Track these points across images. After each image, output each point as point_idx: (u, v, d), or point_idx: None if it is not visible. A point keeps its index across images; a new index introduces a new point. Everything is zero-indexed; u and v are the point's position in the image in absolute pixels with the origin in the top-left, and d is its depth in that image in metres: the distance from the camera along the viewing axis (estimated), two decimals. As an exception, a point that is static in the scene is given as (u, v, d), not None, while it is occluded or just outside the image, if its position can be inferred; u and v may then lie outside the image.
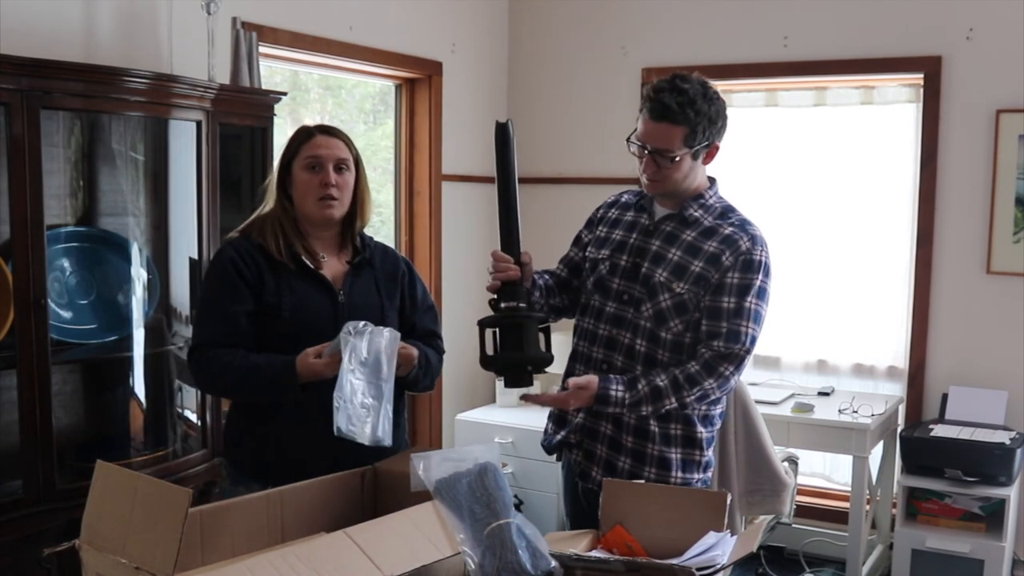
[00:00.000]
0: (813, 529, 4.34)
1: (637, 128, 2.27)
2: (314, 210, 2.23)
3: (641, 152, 2.26)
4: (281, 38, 3.57)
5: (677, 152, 2.22)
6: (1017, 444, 3.65)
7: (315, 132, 2.26)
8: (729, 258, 2.24)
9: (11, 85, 2.40)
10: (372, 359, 2.03)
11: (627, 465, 2.33)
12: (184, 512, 1.46)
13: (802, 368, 4.44)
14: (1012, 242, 3.95)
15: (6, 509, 2.48)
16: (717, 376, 2.23)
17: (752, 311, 2.25)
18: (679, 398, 2.23)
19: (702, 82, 2.25)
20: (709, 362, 2.23)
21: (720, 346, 2.23)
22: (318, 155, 2.22)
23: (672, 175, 2.25)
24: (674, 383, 2.22)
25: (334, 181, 2.22)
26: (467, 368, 4.77)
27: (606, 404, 2.23)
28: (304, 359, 2.08)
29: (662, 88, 2.21)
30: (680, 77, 2.23)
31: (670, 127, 2.20)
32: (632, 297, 2.31)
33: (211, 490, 2.88)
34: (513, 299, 2.16)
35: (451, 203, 4.56)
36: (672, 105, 2.18)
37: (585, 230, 2.53)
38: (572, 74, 4.77)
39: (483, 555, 1.69)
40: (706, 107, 2.21)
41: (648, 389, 2.22)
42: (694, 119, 2.19)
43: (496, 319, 2.16)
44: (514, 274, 2.18)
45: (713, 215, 2.31)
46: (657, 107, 2.20)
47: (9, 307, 2.46)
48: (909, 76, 4.11)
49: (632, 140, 2.28)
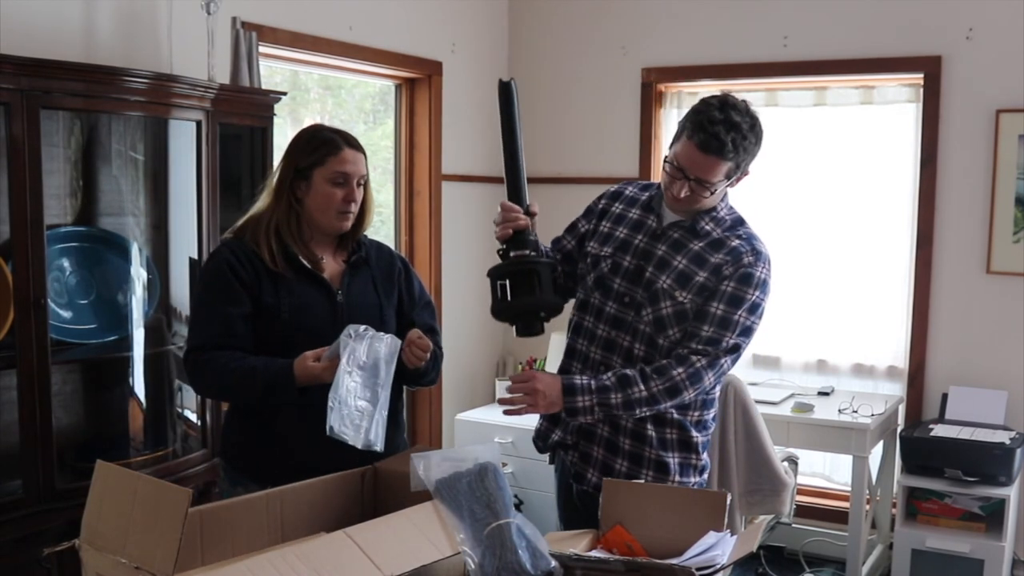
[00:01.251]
0: (813, 529, 4.34)
1: (677, 148, 2.21)
2: (332, 222, 2.23)
3: (678, 173, 2.21)
4: (281, 38, 3.57)
5: (719, 184, 2.21)
6: (1017, 444, 3.65)
7: (343, 145, 2.21)
8: (729, 268, 2.24)
9: (11, 85, 2.40)
10: (370, 363, 2.02)
11: (624, 468, 2.31)
12: (184, 512, 1.46)
13: (802, 368, 4.44)
14: (1012, 242, 3.95)
15: (6, 509, 2.49)
16: (688, 367, 2.20)
17: (740, 324, 2.23)
18: (648, 388, 2.18)
19: (751, 113, 2.20)
20: (681, 355, 2.22)
21: (697, 347, 2.21)
22: (346, 172, 2.19)
23: (705, 201, 2.25)
24: (642, 372, 2.20)
25: (356, 198, 2.22)
26: (467, 368, 4.78)
27: (573, 393, 2.20)
28: (302, 362, 2.07)
29: (716, 120, 2.14)
30: (732, 107, 2.17)
31: (718, 161, 2.17)
32: (633, 300, 2.29)
33: (211, 490, 2.88)
34: (523, 248, 2.17)
35: (451, 203, 4.56)
36: (727, 143, 2.14)
37: (583, 219, 2.48)
38: (572, 74, 4.77)
39: (483, 555, 1.69)
40: (752, 140, 2.19)
41: (615, 377, 2.21)
42: (741, 156, 2.18)
43: (506, 266, 2.17)
44: (523, 223, 2.18)
45: (723, 227, 2.29)
46: (712, 142, 2.14)
47: (9, 307, 2.46)
48: (909, 76, 4.11)
49: (670, 160, 2.23)
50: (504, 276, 2.17)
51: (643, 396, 2.20)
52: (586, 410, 2.22)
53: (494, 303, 2.20)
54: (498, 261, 2.22)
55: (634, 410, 2.22)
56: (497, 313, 2.20)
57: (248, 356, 2.14)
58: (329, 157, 2.20)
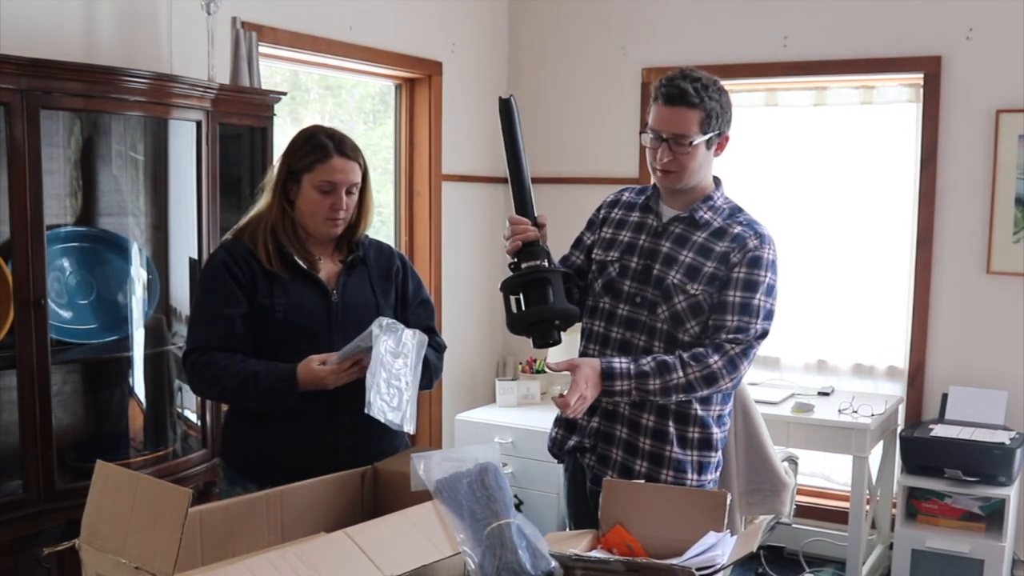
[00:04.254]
0: (813, 529, 4.34)
1: (649, 121, 2.28)
2: (319, 228, 2.22)
3: (656, 142, 2.25)
4: (281, 38, 3.57)
5: (694, 137, 2.22)
6: (1017, 444, 3.65)
7: (333, 153, 2.18)
8: (737, 255, 2.25)
9: (11, 85, 2.40)
10: (402, 352, 2.03)
11: (644, 468, 2.31)
12: (184, 512, 1.46)
13: (802, 368, 4.44)
14: (1012, 242, 3.95)
15: (6, 509, 2.48)
16: (724, 354, 2.21)
17: (761, 308, 2.25)
18: (686, 374, 2.19)
19: (710, 75, 2.28)
20: (717, 343, 2.23)
21: (728, 337, 2.23)
22: (334, 181, 2.17)
23: (688, 163, 2.25)
24: (680, 359, 2.21)
25: (344, 206, 2.20)
26: (467, 368, 4.78)
27: (612, 378, 2.19)
28: (307, 365, 2.06)
29: (674, 76, 2.24)
30: (689, 70, 2.27)
31: (686, 111, 2.21)
32: (645, 299, 2.30)
33: (211, 490, 2.88)
34: (534, 259, 2.17)
35: (451, 203, 4.56)
36: (688, 89, 2.20)
37: (587, 232, 2.52)
38: (572, 74, 4.77)
39: (483, 555, 1.69)
40: (718, 95, 2.25)
41: (655, 363, 2.21)
42: (708, 103, 2.22)
43: (518, 277, 2.17)
44: (533, 235, 2.19)
45: (722, 216, 2.32)
46: (673, 91, 2.21)
47: (9, 307, 2.47)
48: (909, 76, 4.11)
49: (646, 131, 2.28)
50: (517, 287, 2.17)
51: (681, 383, 2.21)
52: (623, 393, 2.22)
53: (508, 316, 2.20)
54: (509, 276, 2.21)
55: (671, 396, 2.24)
56: (512, 325, 2.20)
57: (249, 359, 2.13)
58: (318, 164, 2.17)
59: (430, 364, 2.27)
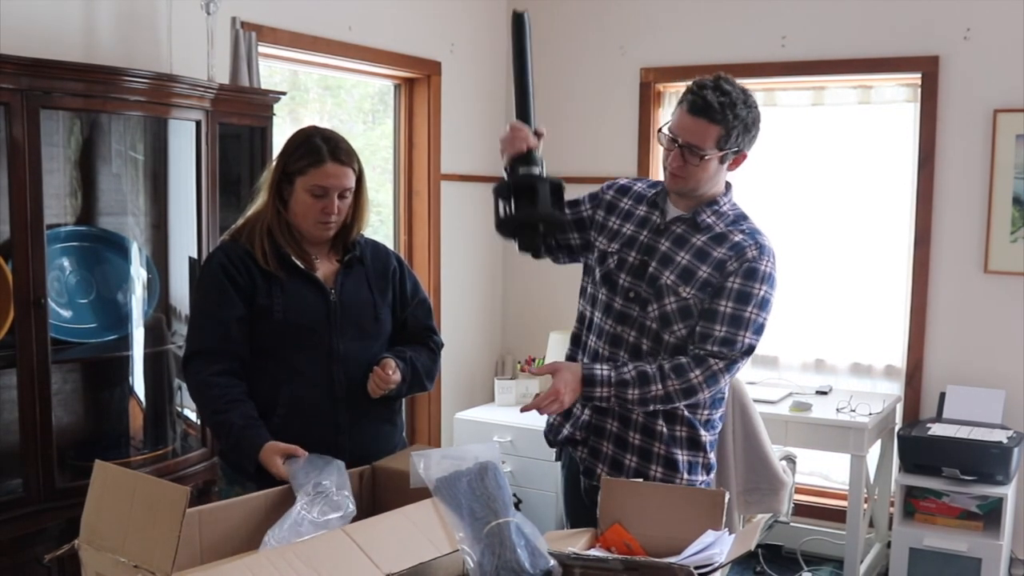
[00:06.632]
0: (811, 528, 4.35)
1: (671, 120, 2.26)
2: (311, 230, 2.21)
3: (671, 144, 2.24)
4: (280, 38, 3.57)
5: (708, 151, 2.20)
6: (1014, 443, 3.65)
7: (326, 158, 2.16)
8: (734, 263, 2.23)
9: (11, 85, 2.40)
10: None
11: (633, 463, 2.32)
12: (182, 510, 1.47)
13: (800, 367, 4.45)
14: (1009, 241, 3.96)
15: (6, 508, 2.49)
16: (706, 369, 2.21)
17: (752, 321, 2.23)
18: (665, 387, 2.20)
19: (744, 89, 2.24)
20: (699, 356, 2.22)
21: (712, 349, 2.22)
22: (325, 186, 2.16)
23: (698, 174, 2.23)
24: (660, 370, 2.21)
25: (336, 210, 2.20)
26: (467, 367, 4.78)
27: (592, 385, 2.21)
28: (270, 454, 2.01)
29: (705, 85, 2.20)
30: (724, 79, 2.22)
31: (707, 124, 2.18)
32: (638, 296, 2.30)
33: (210, 489, 2.89)
34: (530, 165, 2.21)
35: (450, 203, 4.56)
36: (714, 103, 2.17)
37: (588, 204, 2.46)
38: (571, 74, 4.77)
39: (482, 553, 1.69)
40: (744, 113, 2.20)
41: (635, 372, 2.22)
42: (731, 121, 2.18)
43: (509, 182, 2.21)
44: (532, 142, 2.22)
45: (725, 222, 2.29)
46: (698, 102, 2.18)
47: (9, 306, 2.47)
48: (907, 76, 4.12)
49: (664, 131, 2.26)
50: (508, 190, 2.21)
51: (659, 394, 2.21)
52: (602, 400, 2.25)
53: (496, 218, 2.24)
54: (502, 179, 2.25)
55: (648, 406, 2.25)
56: (500, 226, 2.23)
57: (237, 400, 2.11)
58: (311, 168, 2.16)
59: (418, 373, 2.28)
